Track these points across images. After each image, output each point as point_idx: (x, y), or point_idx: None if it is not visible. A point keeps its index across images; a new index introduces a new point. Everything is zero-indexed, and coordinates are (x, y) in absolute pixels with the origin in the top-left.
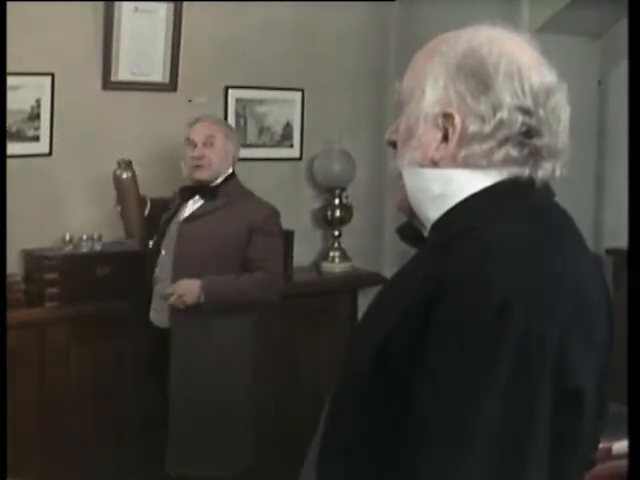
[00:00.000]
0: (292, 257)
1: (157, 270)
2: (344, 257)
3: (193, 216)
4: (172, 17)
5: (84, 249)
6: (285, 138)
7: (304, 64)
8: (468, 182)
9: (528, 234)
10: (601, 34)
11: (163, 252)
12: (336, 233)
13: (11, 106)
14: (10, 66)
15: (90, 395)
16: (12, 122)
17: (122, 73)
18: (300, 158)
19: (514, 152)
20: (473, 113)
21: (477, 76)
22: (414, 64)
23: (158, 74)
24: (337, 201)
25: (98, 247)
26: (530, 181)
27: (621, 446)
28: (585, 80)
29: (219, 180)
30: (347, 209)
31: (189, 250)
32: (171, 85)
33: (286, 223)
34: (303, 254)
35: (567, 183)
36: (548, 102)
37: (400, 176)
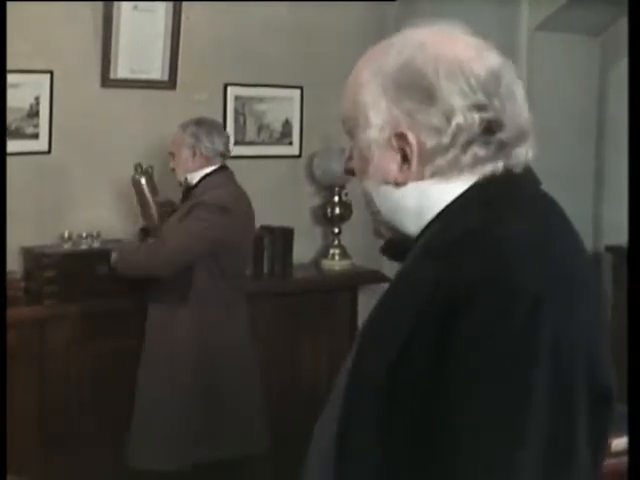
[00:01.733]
0: (292, 255)
1: None
2: (344, 255)
3: (174, 216)
4: (171, 15)
5: (83, 246)
6: (284, 136)
7: (303, 62)
8: (443, 191)
9: (532, 233)
10: (601, 32)
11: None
12: (336, 230)
13: (10, 104)
14: (9, 64)
15: (90, 393)
16: (11, 120)
17: (121, 71)
18: (299, 156)
19: (481, 152)
20: (426, 127)
21: (419, 88)
22: (349, 91)
23: (157, 72)
24: (337, 198)
25: (97, 244)
26: (509, 173)
27: (621, 443)
28: (584, 78)
29: (194, 181)
30: (347, 206)
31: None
32: (170, 83)
33: (286, 221)
34: (303, 252)
35: (566, 180)
36: (500, 88)
37: (370, 198)
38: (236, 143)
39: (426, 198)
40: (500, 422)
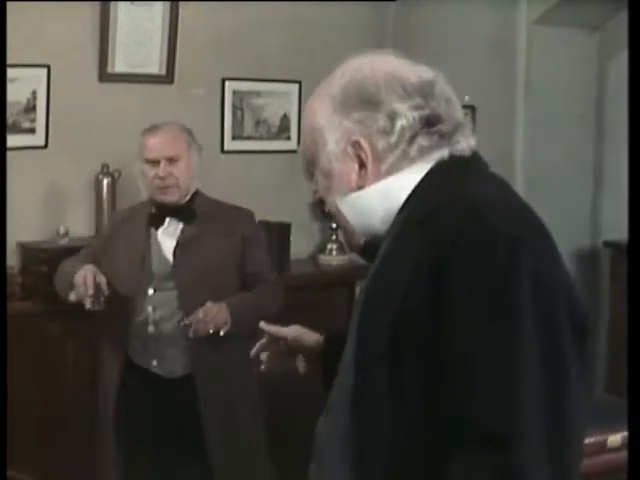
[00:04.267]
0: (289, 250)
1: (151, 314)
2: (341, 250)
3: (182, 244)
4: (169, 9)
5: (79, 242)
6: (282, 130)
7: (302, 56)
8: (402, 184)
9: (497, 193)
10: (600, 26)
11: (150, 292)
12: (333, 225)
13: (7, 98)
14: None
15: (86, 388)
16: (8, 114)
17: (119, 65)
18: (297, 150)
19: (425, 142)
20: (375, 131)
21: (363, 99)
22: (305, 128)
23: (155, 66)
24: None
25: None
26: (457, 157)
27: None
28: (583, 72)
29: (188, 197)
30: None
31: (192, 280)
32: (168, 77)
33: (283, 216)
34: (300, 247)
35: (565, 174)
36: (434, 91)
37: (338, 211)
38: (234, 138)
39: (387, 194)
40: (497, 354)
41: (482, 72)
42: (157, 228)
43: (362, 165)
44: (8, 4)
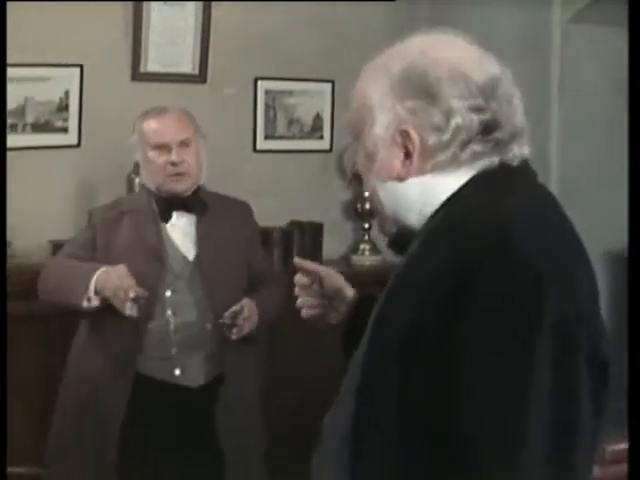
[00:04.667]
0: (321, 250)
1: (171, 319)
2: (374, 250)
3: (202, 239)
4: (201, 8)
5: None
6: (315, 130)
7: (334, 55)
8: (445, 184)
9: (531, 210)
10: None
11: (168, 293)
12: (366, 226)
13: (40, 97)
14: (39, 57)
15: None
16: (40, 113)
17: (151, 64)
18: (330, 150)
19: (479, 148)
20: (428, 126)
21: (422, 88)
22: (357, 95)
23: (187, 65)
24: (367, 193)
25: None
26: (505, 165)
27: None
28: (617, 71)
29: (195, 187)
30: None
31: (219, 278)
32: (201, 76)
33: (316, 216)
34: (333, 247)
35: (598, 175)
36: (497, 93)
37: (376, 195)
38: (266, 137)
39: (428, 191)
40: (505, 387)
41: (515, 72)
42: (166, 222)
43: (408, 155)
44: (41, 2)
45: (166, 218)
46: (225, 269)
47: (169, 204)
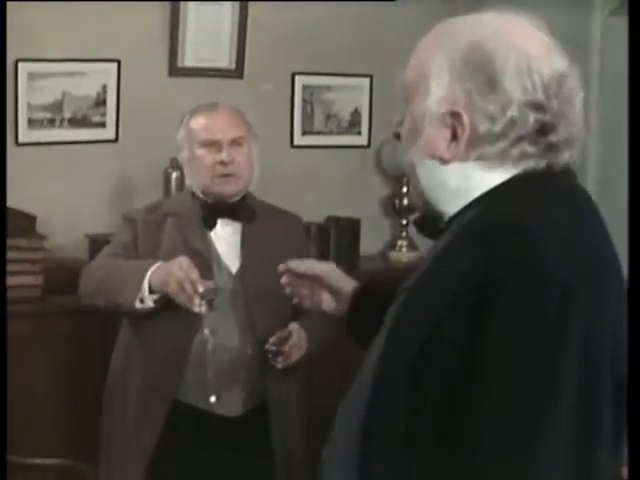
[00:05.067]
0: (358, 246)
1: (210, 339)
2: (412, 246)
3: (248, 250)
4: (238, 3)
5: None
6: (353, 125)
7: (373, 50)
8: (485, 177)
9: (564, 224)
10: None
11: (204, 310)
12: (404, 222)
13: (77, 92)
14: (76, 52)
15: None
16: (78, 108)
17: (188, 59)
18: (368, 145)
19: (530, 149)
20: (481, 112)
21: (484, 72)
22: (416, 56)
23: (224, 60)
24: (405, 189)
25: None
26: (549, 169)
27: None
28: None
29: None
30: None
31: (264, 295)
32: (237, 71)
33: (353, 211)
34: (370, 243)
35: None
36: (561, 91)
37: (413, 169)
38: (303, 133)
39: (467, 180)
40: (529, 408)
41: None
42: (210, 230)
43: (455, 138)
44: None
45: (210, 225)
46: (271, 286)
47: (215, 210)
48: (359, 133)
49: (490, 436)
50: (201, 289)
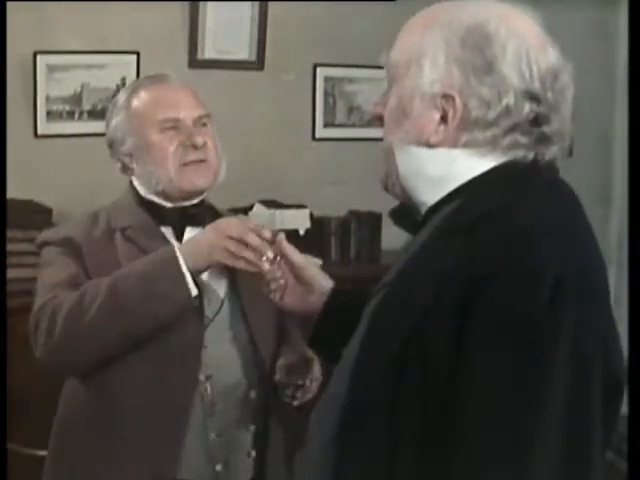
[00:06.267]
0: (380, 240)
1: (208, 387)
2: None
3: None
4: None
5: None
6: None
7: (394, 41)
8: (470, 165)
9: (549, 215)
10: None
11: (206, 344)
12: None
13: (96, 84)
14: (95, 44)
15: None
16: (97, 100)
17: (208, 51)
18: None
19: (522, 139)
20: (477, 96)
21: (482, 55)
22: (407, 35)
23: (245, 52)
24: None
25: None
26: (534, 160)
27: None
28: None
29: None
30: None
31: (261, 321)
32: (258, 63)
33: (375, 205)
34: (392, 237)
35: None
36: (555, 84)
37: (391, 154)
38: (325, 125)
39: (450, 168)
40: (518, 405)
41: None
42: (179, 241)
43: (444, 121)
44: None
45: (178, 236)
46: (268, 310)
47: (180, 215)
48: (382, 126)
49: (475, 436)
50: (270, 254)
